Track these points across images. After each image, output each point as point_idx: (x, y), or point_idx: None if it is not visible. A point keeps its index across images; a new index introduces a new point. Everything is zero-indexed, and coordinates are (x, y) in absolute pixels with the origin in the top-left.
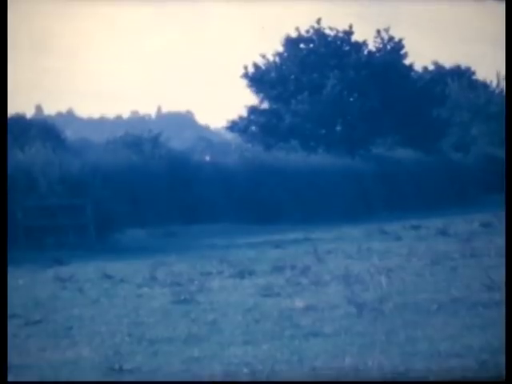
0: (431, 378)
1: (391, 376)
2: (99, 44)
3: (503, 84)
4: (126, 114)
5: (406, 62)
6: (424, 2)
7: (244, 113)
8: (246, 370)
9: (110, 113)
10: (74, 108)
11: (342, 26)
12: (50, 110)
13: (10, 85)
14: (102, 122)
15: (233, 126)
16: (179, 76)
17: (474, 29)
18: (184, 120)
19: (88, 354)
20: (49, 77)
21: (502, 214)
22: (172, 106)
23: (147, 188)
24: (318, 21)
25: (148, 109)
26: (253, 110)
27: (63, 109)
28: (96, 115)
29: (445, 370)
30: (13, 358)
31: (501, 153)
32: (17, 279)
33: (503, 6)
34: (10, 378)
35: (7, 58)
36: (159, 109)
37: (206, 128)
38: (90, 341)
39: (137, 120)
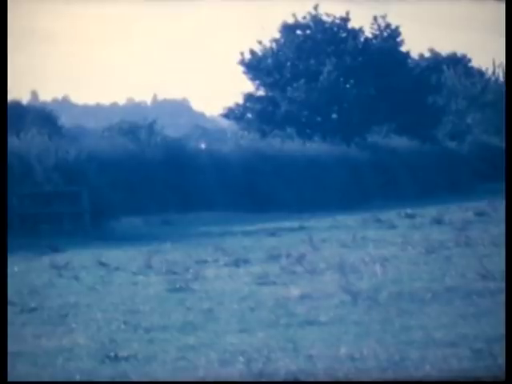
0: (426, 367)
1: (387, 365)
2: (95, 31)
3: (498, 71)
4: (121, 101)
5: (403, 49)
6: None
7: (240, 100)
8: (241, 358)
9: (106, 100)
10: (70, 95)
11: (339, 12)
12: (45, 96)
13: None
14: (97, 108)
15: (228, 113)
16: (175, 63)
17: (471, 16)
18: (180, 107)
19: (84, 342)
20: (44, 63)
21: (497, 203)
22: (168, 93)
23: (143, 175)
24: (316, 7)
25: (144, 96)
26: (249, 97)
27: (59, 95)
28: (92, 102)
29: (440, 359)
30: (8, 345)
31: (496, 141)
32: (12, 266)
33: None
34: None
35: (7, 47)
36: (155, 96)
37: (202, 115)
38: (85, 328)
39: (132, 107)
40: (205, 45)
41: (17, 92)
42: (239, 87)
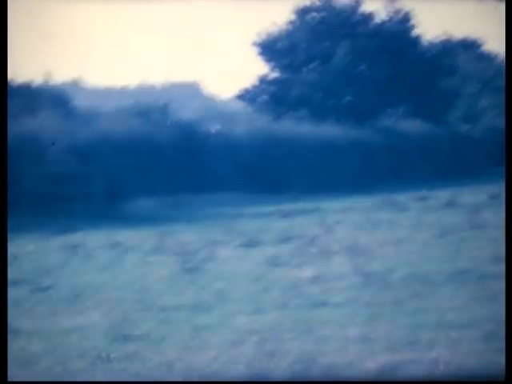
0: (439, 349)
1: (398, 346)
2: (107, 13)
3: None
4: (133, 84)
5: (415, 32)
6: None
7: (254, 82)
8: (253, 338)
9: (119, 82)
10: (83, 76)
11: None
12: (58, 78)
13: (17, 52)
14: (110, 90)
15: (242, 95)
16: (187, 45)
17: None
18: (192, 89)
19: (97, 320)
20: (57, 44)
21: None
22: (180, 75)
23: (155, 157)
24: None
25: (156, 78)
26: (262, 79)
27: (72, 77)
28: (104, 84)
29: (452, 341)
30: (22, 323)
31: None
32: (26, 246)
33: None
34: (20, 341)
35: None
36: (167, 78)
37: (215, 97)
38: (99, 307)
39: (145, 89)
40: (218, 26)
41: (30, 73)
42: (252, 69)
